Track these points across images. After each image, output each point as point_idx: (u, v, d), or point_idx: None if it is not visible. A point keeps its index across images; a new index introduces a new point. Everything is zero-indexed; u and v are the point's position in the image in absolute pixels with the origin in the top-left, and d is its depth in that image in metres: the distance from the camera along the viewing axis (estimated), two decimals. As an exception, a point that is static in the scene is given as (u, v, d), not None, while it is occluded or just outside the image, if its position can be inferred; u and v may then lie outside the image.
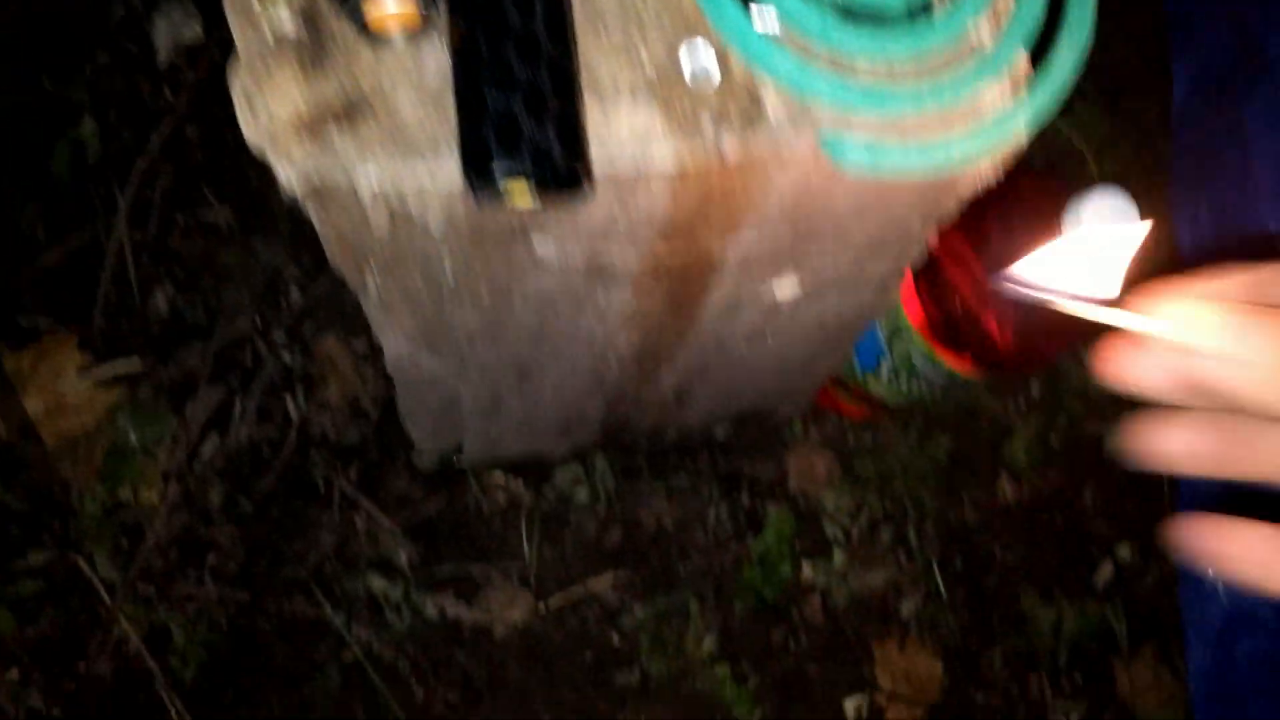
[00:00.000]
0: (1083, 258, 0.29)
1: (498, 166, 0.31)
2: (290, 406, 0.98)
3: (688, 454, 1.01)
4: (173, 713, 0.94)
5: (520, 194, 0.32)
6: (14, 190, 0.99)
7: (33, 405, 0.96)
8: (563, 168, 0.31)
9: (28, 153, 0.99)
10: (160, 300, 0.99)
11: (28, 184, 0.99)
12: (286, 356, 0.99)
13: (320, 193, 0.35)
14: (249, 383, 0.98)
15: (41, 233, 0.99)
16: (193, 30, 1.06)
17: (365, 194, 0.35)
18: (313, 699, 0.95)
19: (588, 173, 0.32)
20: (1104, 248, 0.29)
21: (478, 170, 0.32)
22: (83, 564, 0.95)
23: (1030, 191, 0.69)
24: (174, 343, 0.98)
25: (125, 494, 0.95)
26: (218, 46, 1.03)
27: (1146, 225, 0.30)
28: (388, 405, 0.97)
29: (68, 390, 0.96)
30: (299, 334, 0.99)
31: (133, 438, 0.96)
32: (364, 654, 0.95)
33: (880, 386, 0.86)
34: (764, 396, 0.79)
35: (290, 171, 0.34)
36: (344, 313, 1.00)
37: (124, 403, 0.96)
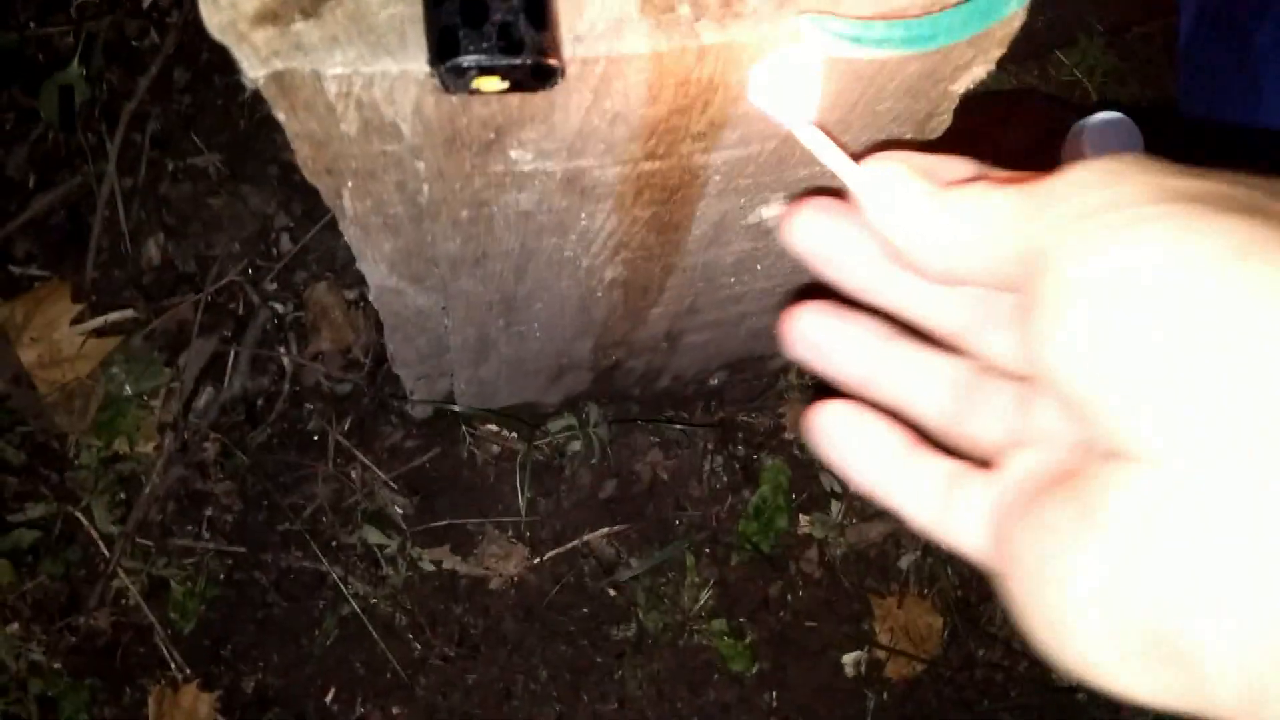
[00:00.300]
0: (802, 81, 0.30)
1: (465, 50, 0.30)
2: (283, 356, 0.97)
3: (682, 404, 1.00)
4: (172, 665, 0.94)
5: (488, 80, 0.31)
6: (2, 135, 0.98)
7: (27, 356, 0.95)
8: (532, 51, 0.30)
9: (15, 96, 0.98)
10: (152, 248, 0.99)
11: (16, 128, 0.98)
12: (278, 306, 0.98)
13: (286, 89, 0.34)
14: (241, 332, 0.97)
15: (31, 179, 0.98)
16: (178, -29, 1.04)
17: (332, 89, 0.34)
18: (310, 651, 0.95)
19: (559, 58, 0.31)
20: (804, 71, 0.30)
21: (444, 54, 0.30)
22: (81, 516, 0.94)
23: (1036, 116, 0.68)
24: (166, 292, 0.98)
25: (122, 446, 0.95)
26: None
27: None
28: (380, 354, 0.97)
29: (62, 340, 0.96)
30: (290, 283, 0.99)
31: (127, 389, 0.96)
32: (361, 607, 0.95)
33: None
34: (756, 339, 0.78)
35: (256, 65, 0.33)
36: (335, 261, 0.99)
37: (118, 353, 0.96)
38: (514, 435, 0.98)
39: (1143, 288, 0.21)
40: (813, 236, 0.31)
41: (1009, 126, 0.66)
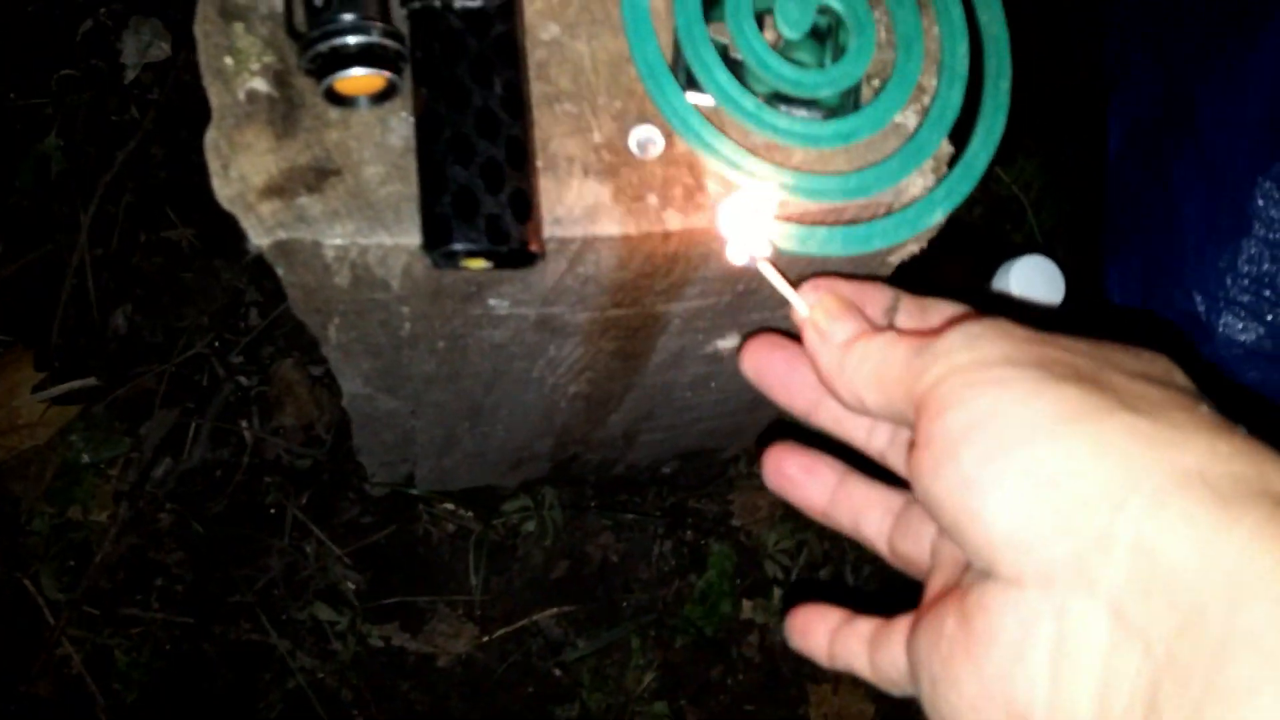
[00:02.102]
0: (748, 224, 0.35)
1: (456, 240, 0.33)
2: (245, 430, 0.99)
3: (635, 489, 1.03)
4: (112, 735, 0.94)
5: (475, 261, 0.35)
6: (-24, 205, 1.00)
7: (-15, 421, 0.96)
8: (516, 241, 0.34)
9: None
10: (119, 318, 1.00)
11: (-10, 198, 1.00)
12: (243, 379, 1.00)
13: (287, 252, 0.37)
14: (205, 405, 0.99)
15: (1, 246, 0.99)
16: (161, 49, 1.07)
17: (330, 254, 0.37)
18: (253, 725, 0.95)
19: (539, 245, 0.35)
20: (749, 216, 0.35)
21: (436, 242, 0.34)
22: (28, 583, 0.95)
23: (972, 249, 0.72)
24: (131, 362, 0.99)
25: (75, 513, 0.96)
26: (185, 66, 1.05)
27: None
28: (342, 431, 0.99)
29: (21, 407, 0.96)
30: (257, 357, 1.01)
31: (85, 457, 0.97)
32: (307, 682, 0.96)
33: (823, 431, 0.89)
34: (710, 437, 0.82)
35: (261, 234, 0.36)
36: (302, 338, 1.01)
37: (78, 421, 0.97)
38: (470, 515, 1.00)
39: (995, 441, 0.26)
40: (762, 366, 0.37)
41: (948, 258, 0.71)
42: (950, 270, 0.73)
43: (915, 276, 0.72)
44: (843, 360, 0.32)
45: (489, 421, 0.65)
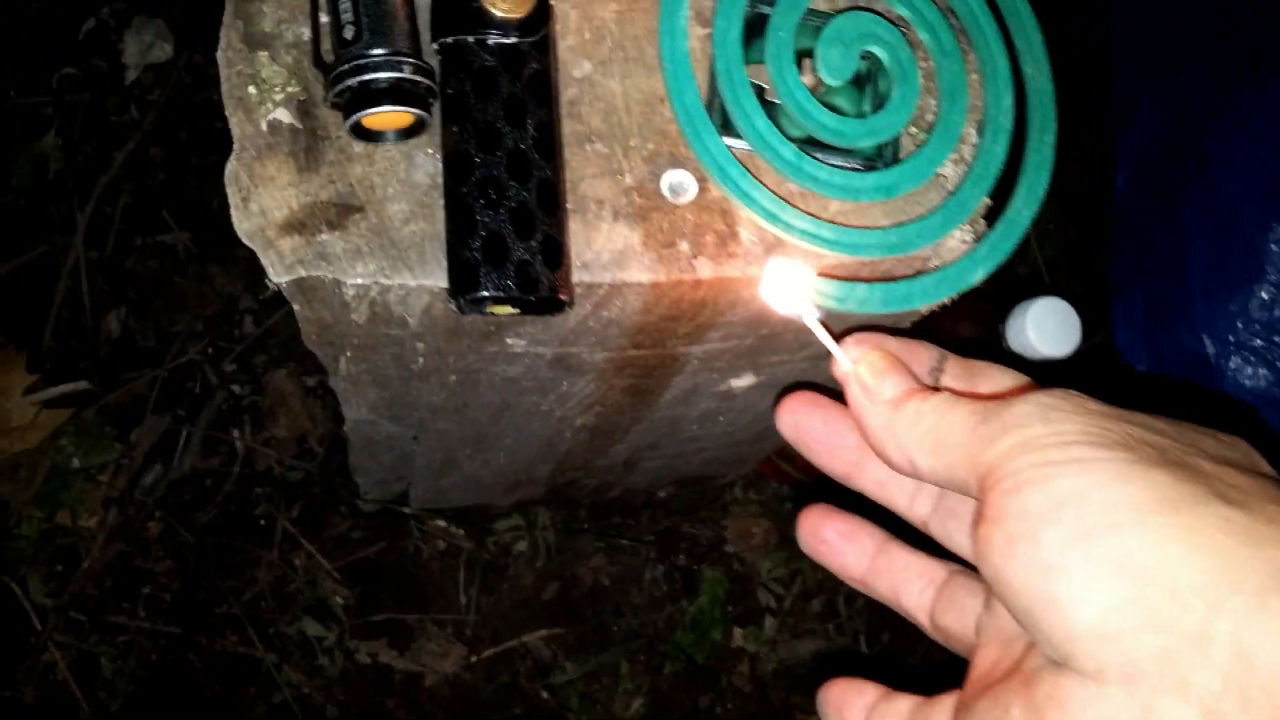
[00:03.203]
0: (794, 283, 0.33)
1: (485, 286, 0.32)
2: (236, 439, 0.97)
3: (629, 512, 1.02)
4: (93, 745, 0.92)
5: (503, 308, 0.34)
6: (-29, 204, 0.98)
7: (-26, 423, 0.94)
8: (546, 289, 0.33)
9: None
10: (112, 322, 0.98)
11: (-14, 197, 0.98)
12: (236, 388, 0.98)
13: (306, 289, 0.36)
14: (196, 412, 0.97)
15: (-4, 247, 0.98)
16: (163, 50, 1.06)
17: (350, 293, 0.36)
18: (237, 739, 0.94)
19: (568, 292, 0.34)
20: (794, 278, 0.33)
21: (464, 288, 0.33)
22: (15, 587, 0.93)
23: (984, 291, 0.71)
24: (123, 366, 0.98)
25: (64, 518, 0.94)
26: (187, 68, 1.03)
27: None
28: (334, 444, 0.97)
29: (12, 410, 0.95)
30: (250, 366, 0.99)
31: (76, 461, 0.95)
32: (292, 696, 0.94)
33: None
34: (710, 465, 0.81)
35: (281, 271, 0.35)
36: (297, 348, 1.00)
37: (69, 425, 0.95)
38: (461, 533, 0.99)
39: (1079, 525, 0.25)
40: (800, 426, 0.35)
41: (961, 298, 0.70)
42: (957, 304, 0.72)
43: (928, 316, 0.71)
44: (892, 419, 0.30)
45: (492, 449, 0.64)
